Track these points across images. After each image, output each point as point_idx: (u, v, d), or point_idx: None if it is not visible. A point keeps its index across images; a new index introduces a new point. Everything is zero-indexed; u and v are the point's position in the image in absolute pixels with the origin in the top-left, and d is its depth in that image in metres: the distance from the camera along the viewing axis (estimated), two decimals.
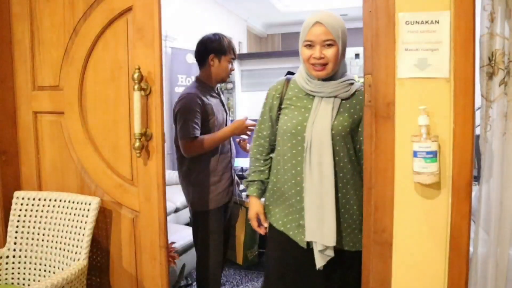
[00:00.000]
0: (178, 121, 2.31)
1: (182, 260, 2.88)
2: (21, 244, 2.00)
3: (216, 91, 2.51)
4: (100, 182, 2.04)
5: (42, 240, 1.99)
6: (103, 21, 1.95)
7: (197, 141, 2.30)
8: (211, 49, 2.40)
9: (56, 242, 1.96)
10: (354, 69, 6.58)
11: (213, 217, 2.41)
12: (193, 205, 2.44)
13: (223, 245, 2.54)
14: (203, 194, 2.38)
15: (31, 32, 2.12)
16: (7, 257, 1.99)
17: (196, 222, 2.47)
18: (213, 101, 2.42)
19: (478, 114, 1.52)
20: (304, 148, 1.72)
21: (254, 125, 2.20)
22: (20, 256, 2.00)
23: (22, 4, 2.12)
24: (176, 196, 3.96)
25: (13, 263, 1.99)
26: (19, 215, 2.01)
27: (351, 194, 1.77)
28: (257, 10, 6.90)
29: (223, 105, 2.54)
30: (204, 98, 2.35)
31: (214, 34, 2.46)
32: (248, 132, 2.43)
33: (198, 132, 2.30)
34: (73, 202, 1.95)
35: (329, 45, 1.66)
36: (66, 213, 1.96)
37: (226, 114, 2.54)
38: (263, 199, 1.93)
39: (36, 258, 1.99)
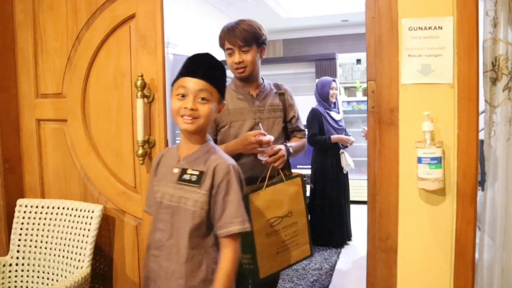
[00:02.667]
0: None
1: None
2: (24, 252, 1.99)
3: (251, 93, 1.98)
4: (103, 190, 2.03)
5: (45, 248, 1.98)
6: (106, 29, 1.96)
7: None
8: None
9: (59, 250, 1.95)
10: (356, 74, 6.60)
11: None
12: None
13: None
14: None
15: (34, 40, 2.13)
16: (10, 265, 1.98)
17: None
18: (236, 105, 1.94)
19: (481, 118, 1.52)
20: None
21: (261, 142, 1.81)
22: (23, 264, 1.99)
23: (25, 12, 2.13)
24: None
25: (16, 271, 1.99)
26: (22, 223, 2.01)
27: None
28: (259, 17, 6.89)
29: (260, 109, 1.97)
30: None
31: None
32: (261, 149, 1.84)
33: None
34: (76, 210, 1.95)
35: None
36: (69, 221, 1.95)
37: (256, 121, 1.94)
38: None
39: (39, 266, 1.98)
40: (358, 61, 6.61)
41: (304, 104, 3.55)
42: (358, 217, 4.16)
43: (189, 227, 1.36)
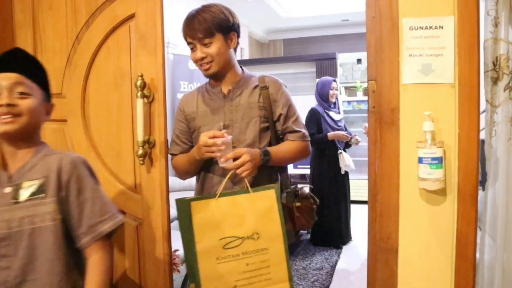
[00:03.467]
0: None
1: (186, 268, 2.86)
2: None
3: (222, 90, 1.73)
4: None
5: None
6: (106, 29, 1.95)
7: (173, 160, 1.84)
8: None
9: None
10: (356, 74, 6.59)
11: None
12: None
13: None
14: None
15: (34, 40, 2.12)
16: None
17: None
18: (206, 106, 1.72)
19: (482, 118, 1.52)
20: None
21: (206, 144, 1.51)
22: None
23: (25, 12, 2.12)
24: None
25: None
26: None
27: None
28: (259, 16, 6.91)
29: (233, 109, 1.69)
30: (188, 105, 1.78)
31: None
32: (218, 152, 1.52)
33: (177, 148, 1.81)
34: None
35: None
36: None
37: (226, 123, 1.67)
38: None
39: None
40: (359, 60, 6.61)
41: (304, 104, 3.55)
42: (359, 217, 4.15)
43: (47, 249, 1.10)
